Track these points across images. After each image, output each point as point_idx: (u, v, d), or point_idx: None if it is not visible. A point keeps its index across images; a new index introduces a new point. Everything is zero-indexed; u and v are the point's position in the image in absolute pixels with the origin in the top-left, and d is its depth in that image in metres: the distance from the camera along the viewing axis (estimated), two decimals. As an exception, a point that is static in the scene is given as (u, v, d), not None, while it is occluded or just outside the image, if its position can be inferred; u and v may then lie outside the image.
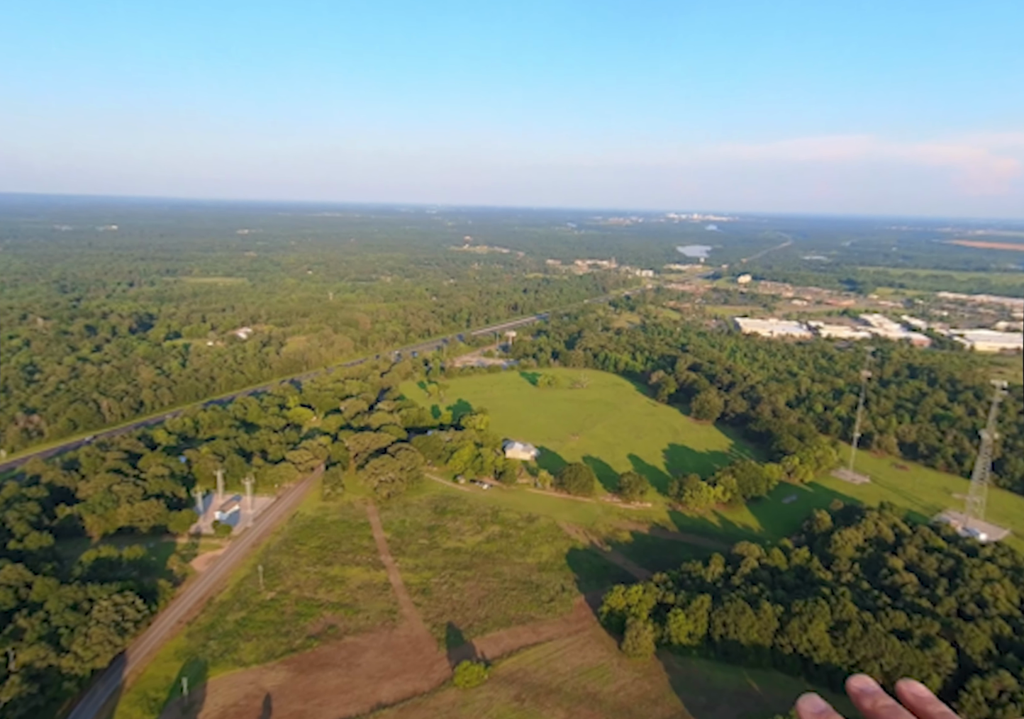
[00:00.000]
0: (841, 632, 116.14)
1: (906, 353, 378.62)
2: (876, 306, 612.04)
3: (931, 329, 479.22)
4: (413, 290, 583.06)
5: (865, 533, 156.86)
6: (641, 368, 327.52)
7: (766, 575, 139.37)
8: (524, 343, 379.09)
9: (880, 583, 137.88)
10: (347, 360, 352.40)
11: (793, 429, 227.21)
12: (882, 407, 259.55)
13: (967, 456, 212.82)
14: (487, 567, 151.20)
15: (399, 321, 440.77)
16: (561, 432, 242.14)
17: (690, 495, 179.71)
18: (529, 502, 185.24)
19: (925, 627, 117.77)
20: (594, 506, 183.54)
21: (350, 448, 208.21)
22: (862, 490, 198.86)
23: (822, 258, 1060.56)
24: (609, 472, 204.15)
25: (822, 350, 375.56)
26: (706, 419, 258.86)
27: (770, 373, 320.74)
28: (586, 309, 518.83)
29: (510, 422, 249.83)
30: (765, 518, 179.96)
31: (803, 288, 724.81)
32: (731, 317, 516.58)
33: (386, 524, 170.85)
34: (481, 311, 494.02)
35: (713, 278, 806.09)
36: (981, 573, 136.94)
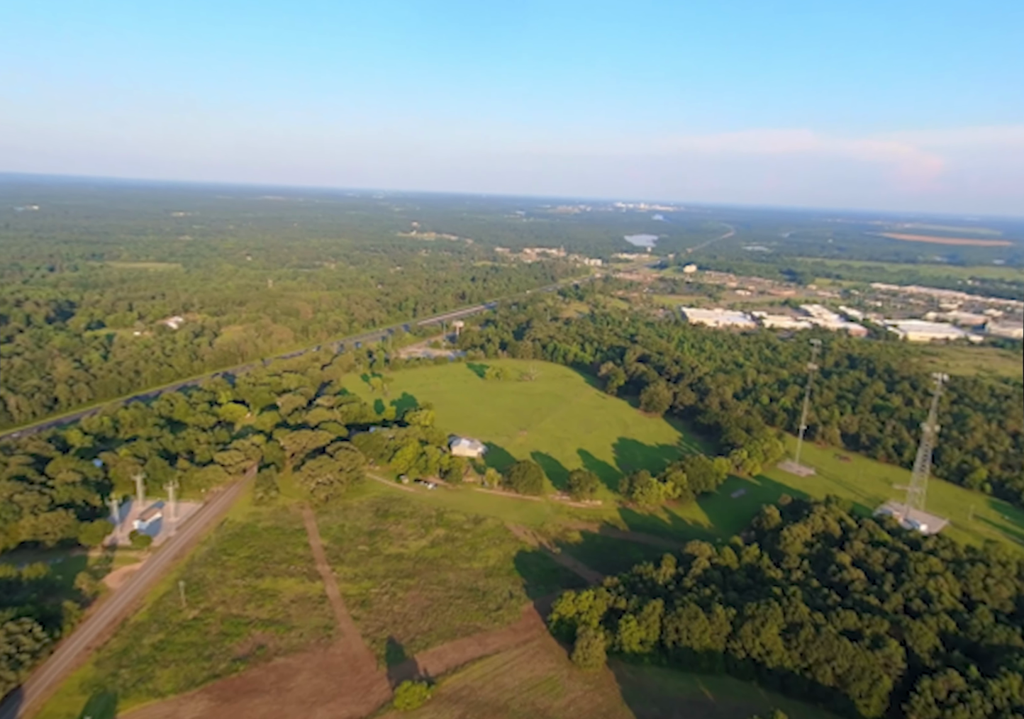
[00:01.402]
0: (794, 635, 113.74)
1: (845, 343, 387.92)
2: (815, 296, 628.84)
3: (867, 319, 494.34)
4: (358, 278, 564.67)
5: (813, 528, 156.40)
6: (590, 359, 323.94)
7: (718, 575, 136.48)
8: (472, 333, 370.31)
9: (829, 580, 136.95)
10: (286, 352, 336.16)
11: (741, 422, 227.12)
12: (825, 398, 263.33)
13: (906, 446, 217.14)
14: (431, 574, 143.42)
15: (342, 310, 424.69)
16: (509, 427, 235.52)
17: (640, 492, 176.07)
18: (476, 502, 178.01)
19: (875, 626, 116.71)
20: (543, 505, 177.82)
21: (286, 448, 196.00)
22: (808, 483, 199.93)
23: (763, 249, 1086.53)
24: (559, 469, 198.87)
25: (766, 340, 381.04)
26: (655, 411, 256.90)
27: (717, 364, 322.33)
28: (535, 298, 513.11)
29: (457, 417, 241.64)
30: (715, 514, 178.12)
31: (746, 278, 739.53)
32: (678, 307, 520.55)
33: (323, 530, 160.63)
34: (428, 300, 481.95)
35: (660, 267, 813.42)
36: (925, 567, 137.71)
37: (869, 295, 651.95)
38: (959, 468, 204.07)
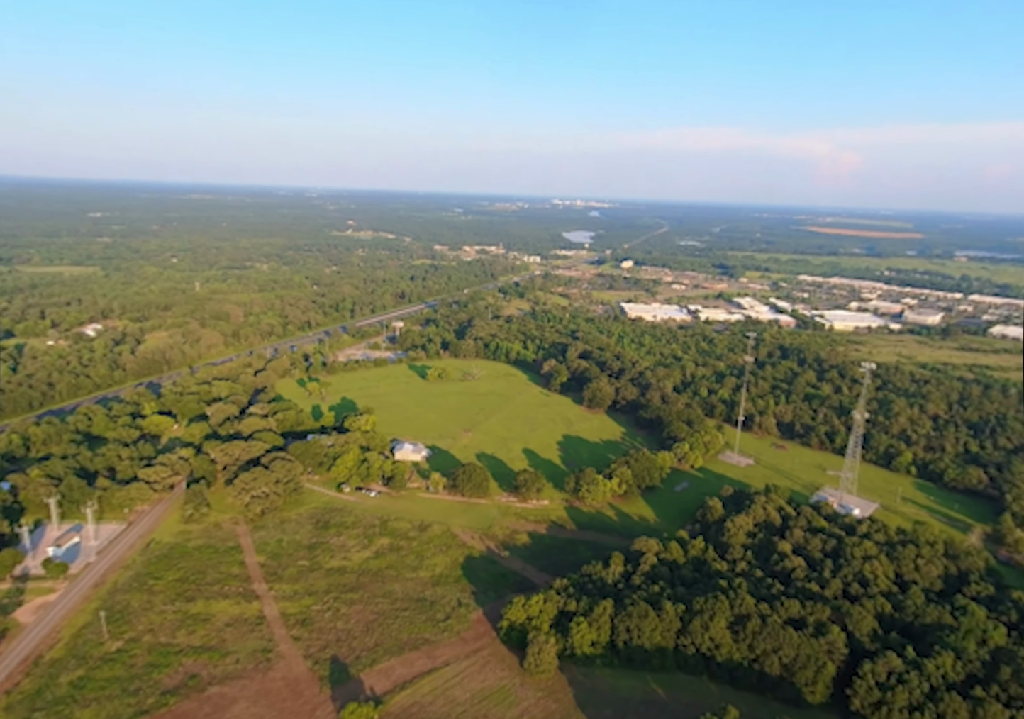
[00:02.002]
0: (741, 627, 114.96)
1: (776, 334, 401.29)
2: (747, 289, 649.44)
3: (796, 310, 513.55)
4: (292, 278, 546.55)
5: (755, 518, 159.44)
6: (533, 357, 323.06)
7: (665, 571, 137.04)
8: (412, 333, 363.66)
9: (772, 569, 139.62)
10: (216, 358, 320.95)
11: (682, 415, 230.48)
12: (760, 388, 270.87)
13: (838, 433, 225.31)
14: (376, 587, 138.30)
15: (276, 313, 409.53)
16: (453, 428, 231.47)
17: (587, 490, 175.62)
18: (421, 508, 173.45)
19: (817, 613, 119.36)
20: (490, 508, 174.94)
21: (217, 461, 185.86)
22: (748, 472, 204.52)
23: (696, 243, 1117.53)
24: (504, 469, 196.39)
25: (703, 333, 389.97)
26: (598, 407, 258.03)
27: (657, 358, 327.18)
28: (476, 296, 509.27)
29: (399, 420, 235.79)
30: (660, 508, 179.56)
31: (681, 272, 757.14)
32: (617, 302, 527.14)
33: (260, 546, 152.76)
34: (366, 300, 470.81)
35: (598, 263, 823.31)
36: (860, 551, 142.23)
37: (796, 287, 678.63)
38: (886, 452, 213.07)
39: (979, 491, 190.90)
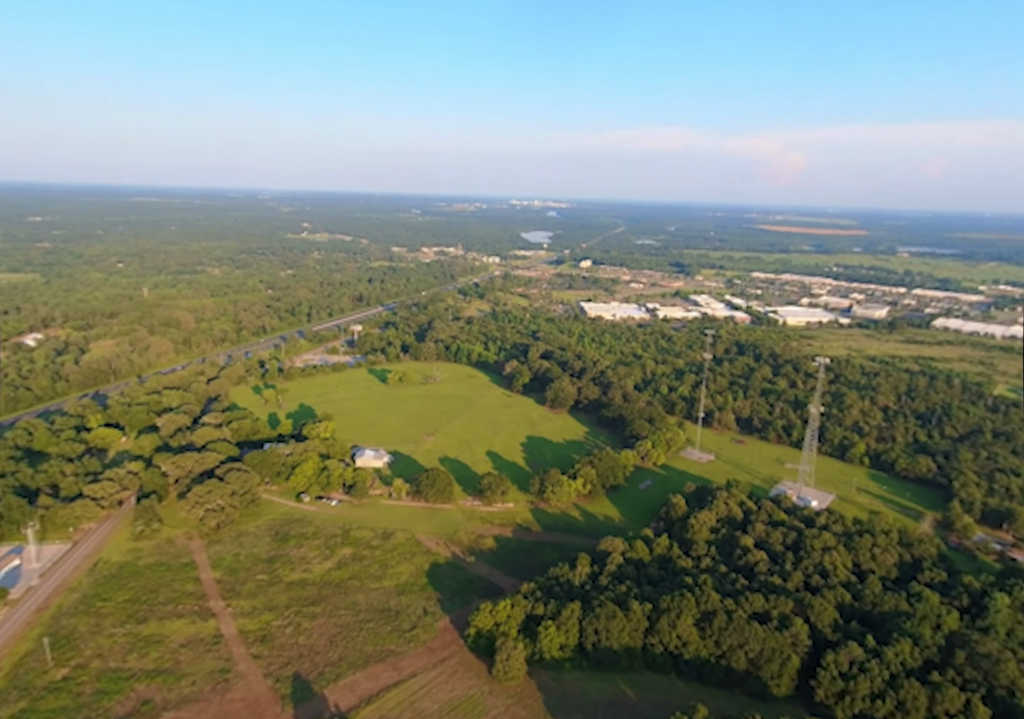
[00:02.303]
0: (708, 623, 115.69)
1: (732, 331, 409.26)
2: (703, 287, 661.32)
3: (750, 307, 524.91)
4: (245, 283, 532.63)
5: (717, 514, 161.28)
6: (494, 358, 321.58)
7: (632, 570, 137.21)
8: (371, 337, 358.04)
9: (736, 564, 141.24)
10: (166, 366, 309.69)
11: (644, 413, 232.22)
12: (719, 385, 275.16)
13: (794, 427, 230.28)
14: (339, 598, 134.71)
15: (229, 318, 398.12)
16: (415, 433, 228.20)
17: (552, 491, 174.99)
18: (384, 516, 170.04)
19: (781, 606, 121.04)
20: (455, 513, 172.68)
21: (169, 473, 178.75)
22: (709, 468, 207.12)
23: (652, 242, 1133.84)
24: (468, 473, 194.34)
25: (661, 331, 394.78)
26: (561, 407, 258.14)
27: (617, 357, 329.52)
28: (435, 298, 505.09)
29: (359, 426, 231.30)
30: (625, 507, 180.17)
31: (638, 271, 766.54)
32: (576, 302, 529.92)
33: (216, 561, 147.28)
34: (323, 304, 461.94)
35: (556, 263, 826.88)
36: (820, 543, 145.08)
37: (750, 284, 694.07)
38: (841, 444, 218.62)
39: (929, 479, 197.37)
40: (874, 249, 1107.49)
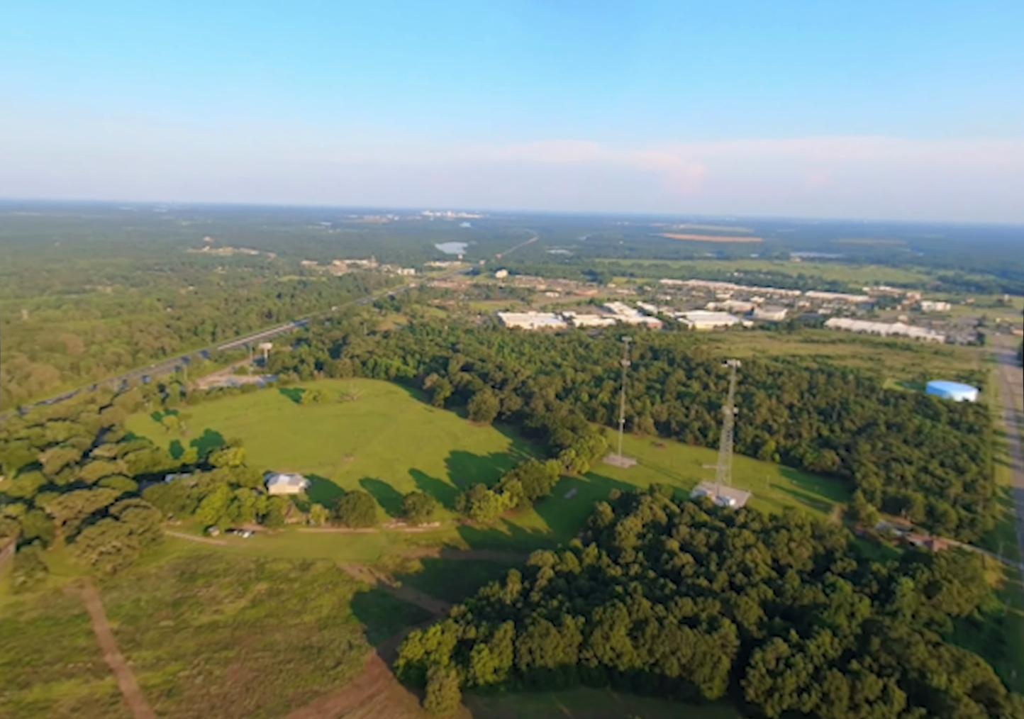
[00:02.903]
0: (640, 632, 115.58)
1: (646, 336, 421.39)
2: (615, 294, 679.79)
3: (661, 312, 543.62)
4: (141, 301, 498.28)
5: (643, 519, 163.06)
6: (414, 372, 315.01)
7: (562, 583, 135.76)
8: (283, 355, 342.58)
9: (663, 569, 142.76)
10: (51, 396, 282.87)
11: (566, 421, 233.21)
12: (636, 390, 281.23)
13: (710, 428, 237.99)
14: (255, 639, 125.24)
15: (124, 340, 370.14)
16: (333, 454, 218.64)
17: (478, 507, 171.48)
18: (302, 545, 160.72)
19: (708, 608, 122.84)
20: (378, 537, 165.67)
21: (54, 515, 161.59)
22: (632, 473, 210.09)
23: (565, 252, 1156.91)
24: (391, 494, 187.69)
25: (579, 339, 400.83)
26: (484, 420, 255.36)
27: (537, 366, 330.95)
28: (349, 312, 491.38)
29: (272, 450, 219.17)
30: (552, 518, 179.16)
31: (553, 280, 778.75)
32: (494, 312, 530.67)
33: (112, 610, 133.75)
34: (229, 321, 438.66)
35: (473, 274, 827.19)
36: (741, 541, 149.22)
37: (659, 290, 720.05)
38: (753, 442, 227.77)
39: (834, 472, 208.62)
40: (770, 255, 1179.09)
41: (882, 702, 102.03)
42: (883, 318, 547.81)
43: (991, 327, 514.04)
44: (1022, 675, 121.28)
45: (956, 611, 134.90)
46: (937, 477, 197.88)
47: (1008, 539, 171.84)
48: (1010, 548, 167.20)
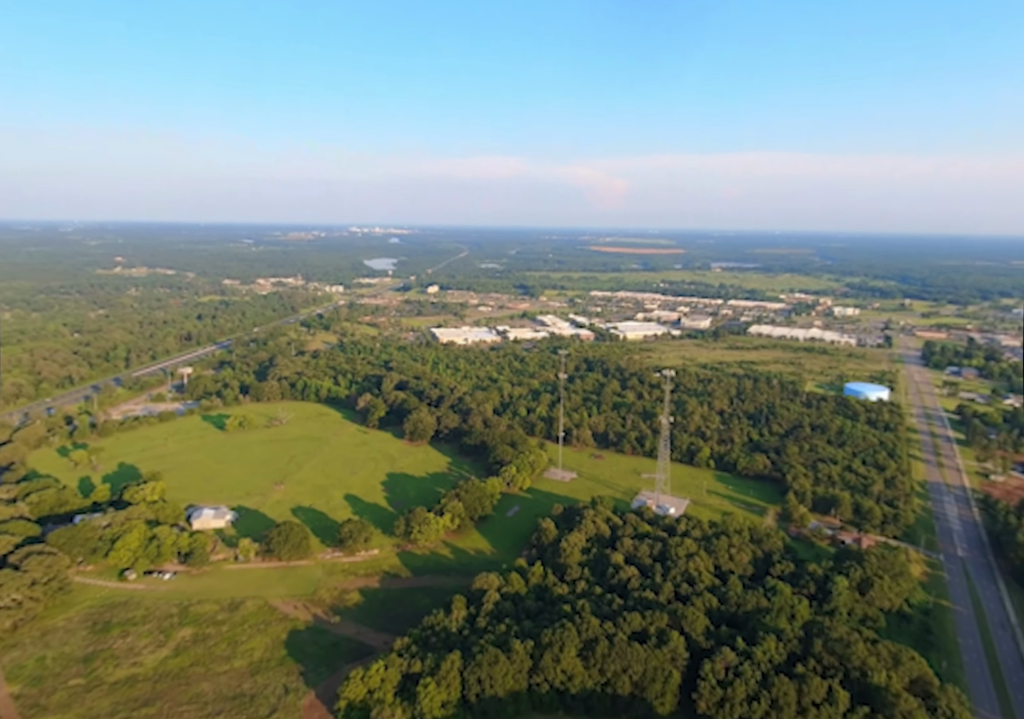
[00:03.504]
0: (591, 652, 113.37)
1: (579, 348, 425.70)
2: (547, 307, 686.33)
3: (593, 324, 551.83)
4: (45, 327, 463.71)
5: (587, 533, 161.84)
6: (346, 393, 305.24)
7: (509, 606, 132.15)
8: (204, 379, 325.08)
9: (609, 583, 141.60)
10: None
11: (505, 437, 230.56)
12: (574, 402, 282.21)
13: (646, 437, 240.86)
14: (179, 692, 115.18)
15: (25, 369, 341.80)
16: (262, 483, 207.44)
17: (419, 531, 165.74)
18: (230, 584, 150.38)
19: (657, 621, 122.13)
20: (313, 569, 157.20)
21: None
22: (573, 486, 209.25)
23: (496, 266, 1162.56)
24: (326, 522, 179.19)
25: (514, 353, 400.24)
26: (421, 439, 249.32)
27: (474, 382, 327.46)
28: (276, 332, 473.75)
29: (195, 482, 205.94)
30: (495, 537, 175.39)
31: (486, 294, 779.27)
32: (427, 328, 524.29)
33: (13, 671, 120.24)
34: (144, 346, 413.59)
35: (403, 290, 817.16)
36: (683, 550, 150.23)
37: (590, 302, 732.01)
38: (688, 450, 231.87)
39: (766, 475, 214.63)
40: (692, 265, 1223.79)
41: (828, 704, 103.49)
42: (800, 324, 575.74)
43: (896, 330, 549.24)
44: (952, 665, 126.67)
45: (888, 606, 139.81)
46: (861, 475, 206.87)
47: (928, 532, 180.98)
48: (930, 541, 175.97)
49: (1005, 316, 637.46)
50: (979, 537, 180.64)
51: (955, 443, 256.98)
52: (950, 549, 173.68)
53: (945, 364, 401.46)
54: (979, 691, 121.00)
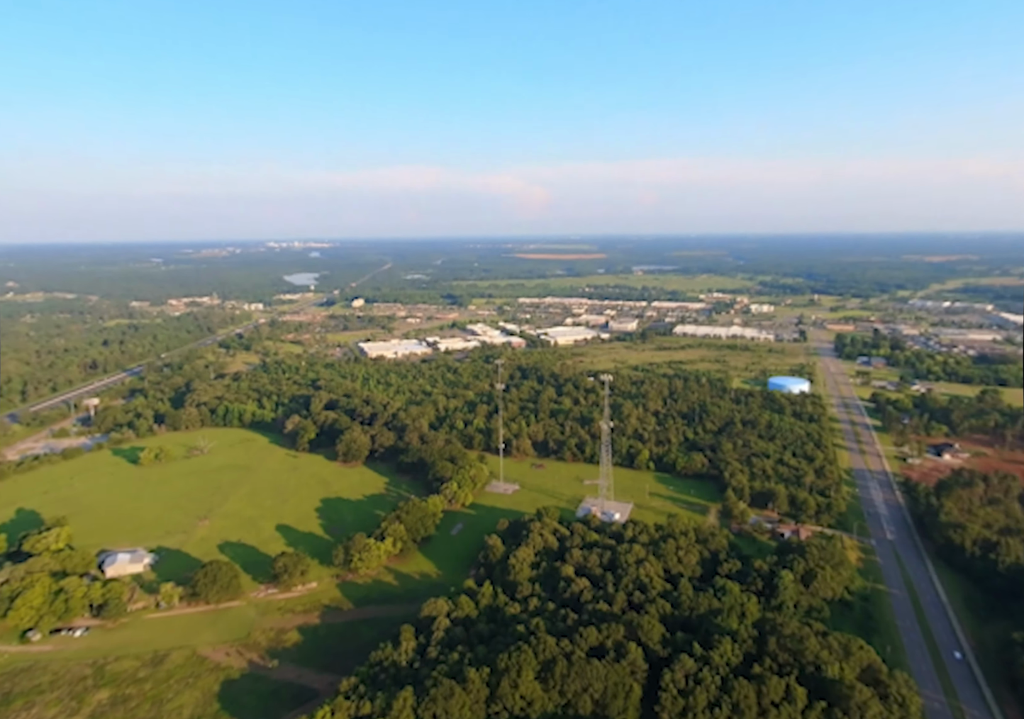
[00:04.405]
0: (549, 673, 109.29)
1: (512, 356, 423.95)
2: (476, 316, 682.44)
3: (523, 331, 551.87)
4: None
5: (535, 547, 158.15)
6: (272, 416, 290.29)
7: (461, 632, 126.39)
8: (114, 410, 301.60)
9: (562, 597, 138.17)
10: None
11: (444, 452, 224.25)
12: (511, 412, 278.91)
13: (586, 443, 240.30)
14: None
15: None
16: (184, 519, 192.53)
17: (359, 558, 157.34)
18: (152, 635, 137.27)
19: (613, 634, 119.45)
20: (246, 610, 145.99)
21: None
22: (517, 499, 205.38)
23: (422, 277, 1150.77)
24: (258, 557, 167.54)
25: (446, 364, 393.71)
26: (355, 460, 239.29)
27: (407, 396, 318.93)
28: (192, 355, 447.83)
29: (108, 524, 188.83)
30: (441, 559, 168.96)
31: (413, 306, 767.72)
32: (355, 343, 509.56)
33: None
34: (43, 377, 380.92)
35: (327, 305, 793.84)
36: (632, 557, 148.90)
37: (518, 309, 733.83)
38: (628, 453, 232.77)
39: (704, 473, 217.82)
40: (615, 269, 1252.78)
41: (787, 702, 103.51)
42: (721, 322, 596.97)
43: (809, 324, 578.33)
44: (895, 648, 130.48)
45: (830, 595, 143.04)
46: (792, 467, 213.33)
47: (858, 518, 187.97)
48: (862, 527, 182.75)
49: (903, 307, 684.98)
50: (904, 520, 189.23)
51: (873, 430, 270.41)
52: (880, 533, 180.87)
53: (856, 355, 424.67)
54: (921, 671, 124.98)
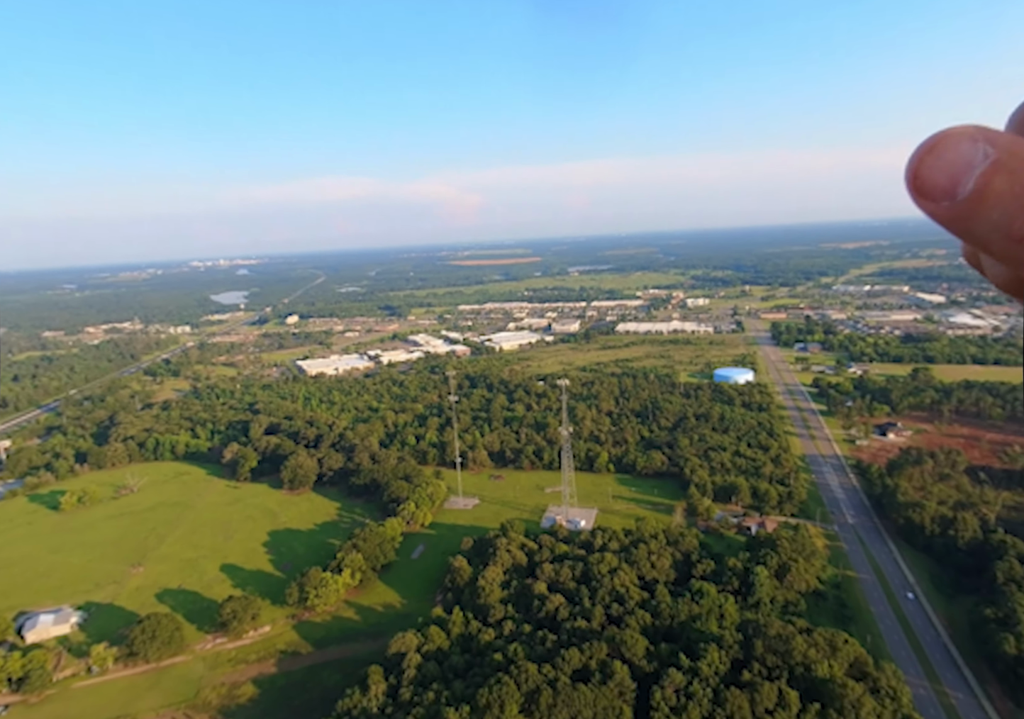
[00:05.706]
0: (534, 705, 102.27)
1: (458, 365, 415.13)
2: (417, 326, 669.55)
3: (467, 339, 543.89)
4: None
5: (503, 565, 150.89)
6: (208, 445, 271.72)
7: (434, 667, 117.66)
8: (28, 451, 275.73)
9: (537, 617, 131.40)
10: None
11: (397, 471, 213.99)
12: (464, 423, 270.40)
13: (543, 450, 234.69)
14: None
15: None
16: (115, 569, 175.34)
17: (316, 595, 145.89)
18: (84, 706, 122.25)
19: (596, 653, 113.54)
20: (192, 665, 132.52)
21: None
22: (478, 513, 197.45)
23: (357, 289, 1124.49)
24: (202, 603, 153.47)
25: (391, 378, 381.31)
26: (303, 487, 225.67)
27: (353, 414, 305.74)
28: (115, 385, 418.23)
29: (25, 581, 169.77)
30: (403, 586, 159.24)
31: (350, 319, 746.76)
32: (292, 361, 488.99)
33: None
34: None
35: (260, 323, 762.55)
36: (605, 566, 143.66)
37: (459, 317, 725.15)
38: (587, 456, 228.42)
39: (665, 472, 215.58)
40: (551, 272, 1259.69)
41: (781, 708, 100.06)
42: (660, 318, 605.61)
43: (743, 314, 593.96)
44: (873, 635, 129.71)
45: (804, 587, 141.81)
46: (750, 459, 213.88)
47: (819, 504, 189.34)
48: (824, 513, 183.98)
49: (828, 293, 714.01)
50: (862, 502, 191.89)
51: (819, 415, 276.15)
52: (841, 518, 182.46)
53: (793, 342, 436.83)
54: (901, 657, 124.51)
